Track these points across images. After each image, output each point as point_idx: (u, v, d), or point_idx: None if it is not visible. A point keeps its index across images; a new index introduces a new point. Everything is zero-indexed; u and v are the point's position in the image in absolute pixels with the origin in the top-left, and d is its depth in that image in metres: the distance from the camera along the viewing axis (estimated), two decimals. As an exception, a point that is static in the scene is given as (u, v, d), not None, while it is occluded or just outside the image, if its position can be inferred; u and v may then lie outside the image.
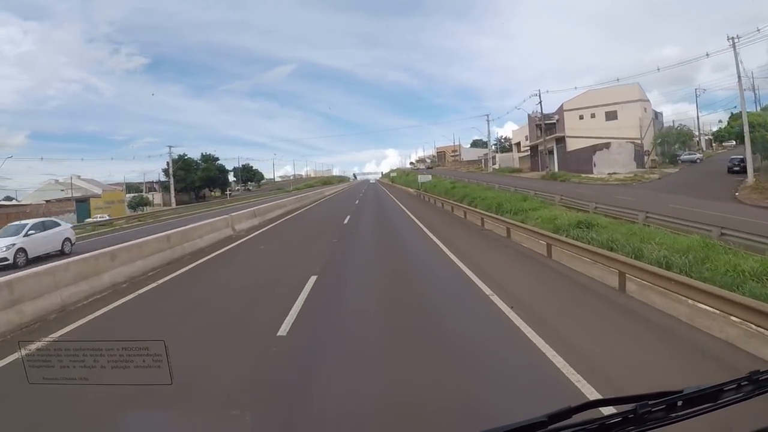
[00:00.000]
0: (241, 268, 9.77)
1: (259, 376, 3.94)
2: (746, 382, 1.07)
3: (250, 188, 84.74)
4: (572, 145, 44.73)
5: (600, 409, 1.07)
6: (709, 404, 1.03)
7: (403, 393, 3.50)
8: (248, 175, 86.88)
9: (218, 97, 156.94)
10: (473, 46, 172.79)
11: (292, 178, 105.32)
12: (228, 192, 73.82)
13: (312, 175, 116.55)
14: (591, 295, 6.22)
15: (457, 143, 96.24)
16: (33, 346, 1.75)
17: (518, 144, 65.65)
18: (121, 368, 1.61)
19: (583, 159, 40.63)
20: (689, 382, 1.16)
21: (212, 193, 71.15)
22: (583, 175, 37.34)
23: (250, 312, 6.07)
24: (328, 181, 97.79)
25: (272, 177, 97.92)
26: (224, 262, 10.50)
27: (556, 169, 43.13)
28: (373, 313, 5.75)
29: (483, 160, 74.76)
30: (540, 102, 45.22)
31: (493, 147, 78.31)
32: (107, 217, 35.71)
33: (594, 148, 40.22)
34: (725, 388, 1.05)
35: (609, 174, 36.43)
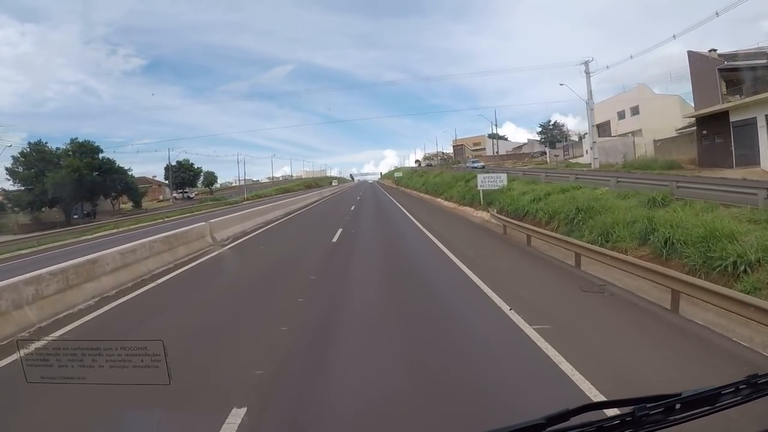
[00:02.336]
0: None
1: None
2: (744, 386, 1.07)
3: (192, 195, 62.02)
4: None
5: (598, 411, 1.07)
6: (708, 407, 1.03)
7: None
8: (187, 176, 62.92)
9: (216, 99, 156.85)
10: (471, 47, 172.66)
11: (269, 180, 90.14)
12: (169, 198, 54.34)
13: (304, 176, 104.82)
14: None
15: (481, 134, 72.59)
16: (32, 346, 1.75)
17: (599, 126, 39.34)
18: (120, 368, 1.61)
19: None
20: None
21: (116, 204, 47.44)
22: None
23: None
24: (314, 183, 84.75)
25: (241, 177, 78.67)
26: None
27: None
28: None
29: (547, 153, 51.66)
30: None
31: (537, 138, 61.88)
32: None
33: None
34: (723, 392, 1.05)
35: None
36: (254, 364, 4.09)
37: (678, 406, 1.01)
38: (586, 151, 37.35)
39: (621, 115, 40.04)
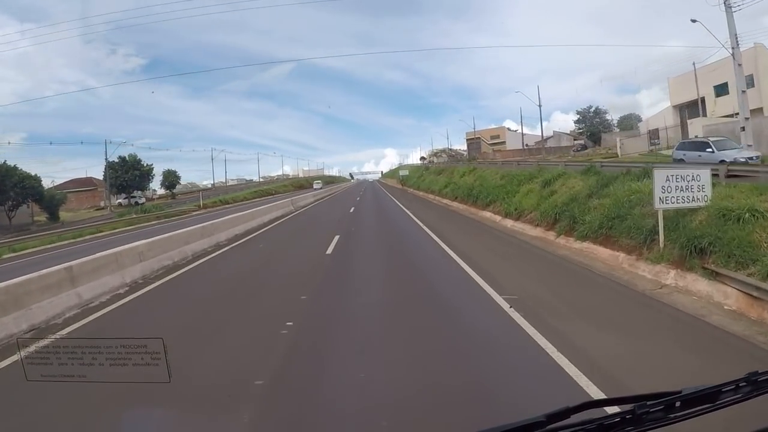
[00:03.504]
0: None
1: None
2: (745, 383, 1.07)
3: (141, 200, 50.15)
4: None
5: (598, 409, 1.07)
6: (708, 405, 1.03)
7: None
8: (132, 176, 49.35)
9: (216, 98, 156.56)
10: (470, 45, 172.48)
11: (263, 179, 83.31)
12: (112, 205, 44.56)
13: (301, 175, 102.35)
14: None
15: (501, 124, 66.28)
16: (32, 344, 1.75)
17: (682, 107, 31.40)
18: (120, 366, 1.61)
19: None
20: None
21: (13, 216, 35.30)
22: None
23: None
24: (307, 182, 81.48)
25: (224, 176, 69.87)
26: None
27: None
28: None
29: (619, 145, 31.68)
30: None
31: (573, 128, 57.13)
32: None
33: None
34: (724, 389, 1.06)
35: None
36: None
37: (678, 403, 1.01)
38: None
39: (721, 90, 27.59)
